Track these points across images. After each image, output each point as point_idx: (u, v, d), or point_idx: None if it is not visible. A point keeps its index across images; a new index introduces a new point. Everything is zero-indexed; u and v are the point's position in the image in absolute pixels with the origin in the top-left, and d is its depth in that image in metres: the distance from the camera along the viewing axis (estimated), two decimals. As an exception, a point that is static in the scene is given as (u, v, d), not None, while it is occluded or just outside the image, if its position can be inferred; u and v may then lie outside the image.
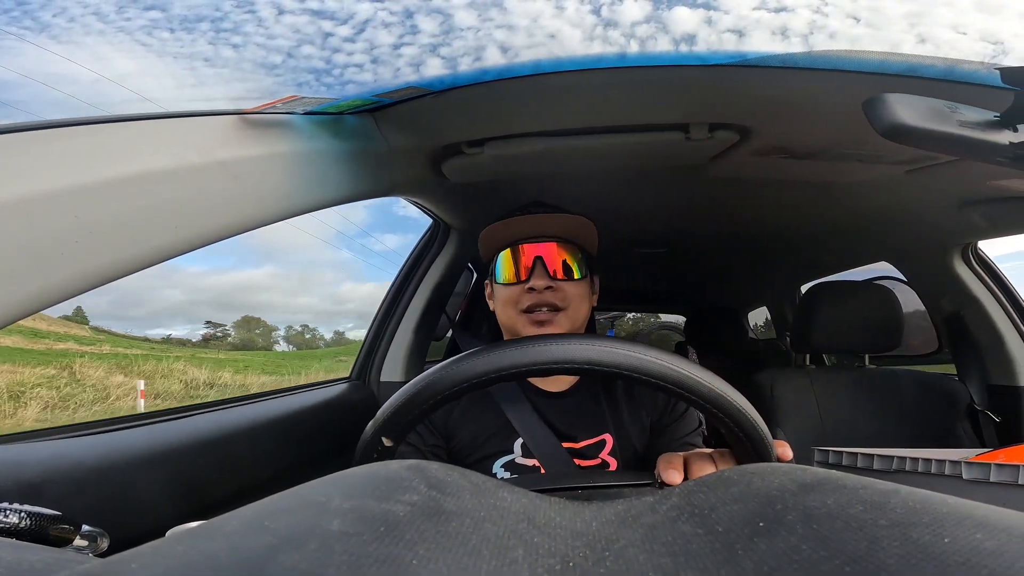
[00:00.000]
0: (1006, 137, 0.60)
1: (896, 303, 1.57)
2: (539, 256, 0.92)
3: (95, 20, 0.93)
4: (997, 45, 0.69)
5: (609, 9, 0.75)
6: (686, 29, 0.74)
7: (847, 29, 0.73)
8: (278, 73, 0.85)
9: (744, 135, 1.00)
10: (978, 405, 1.53)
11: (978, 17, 0.71)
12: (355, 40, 0.81)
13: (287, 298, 35.25)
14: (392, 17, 0.81)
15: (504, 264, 0.94)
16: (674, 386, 0.51)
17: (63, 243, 0.49)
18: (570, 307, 0.91)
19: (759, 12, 0.74)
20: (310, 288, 44.24)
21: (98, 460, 0.70)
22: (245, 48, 0.83)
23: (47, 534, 0.38)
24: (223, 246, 0.69)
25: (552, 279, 0.91)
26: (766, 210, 1.63)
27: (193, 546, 0.21)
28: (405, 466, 0.33)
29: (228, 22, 0.85)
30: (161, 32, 0.89)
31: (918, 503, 0.24)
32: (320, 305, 44.55)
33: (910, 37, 0.71)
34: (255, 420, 1.04)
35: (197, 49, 0.88)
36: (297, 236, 35.54)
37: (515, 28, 0.77)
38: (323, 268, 48.43)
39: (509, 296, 0.93)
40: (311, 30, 0.83)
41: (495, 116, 0.96)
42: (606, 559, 0.26)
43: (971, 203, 1.30)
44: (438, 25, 0.79)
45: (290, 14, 0.85)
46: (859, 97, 0.61)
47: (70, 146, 0.52)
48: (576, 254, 0.94)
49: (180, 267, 19.34)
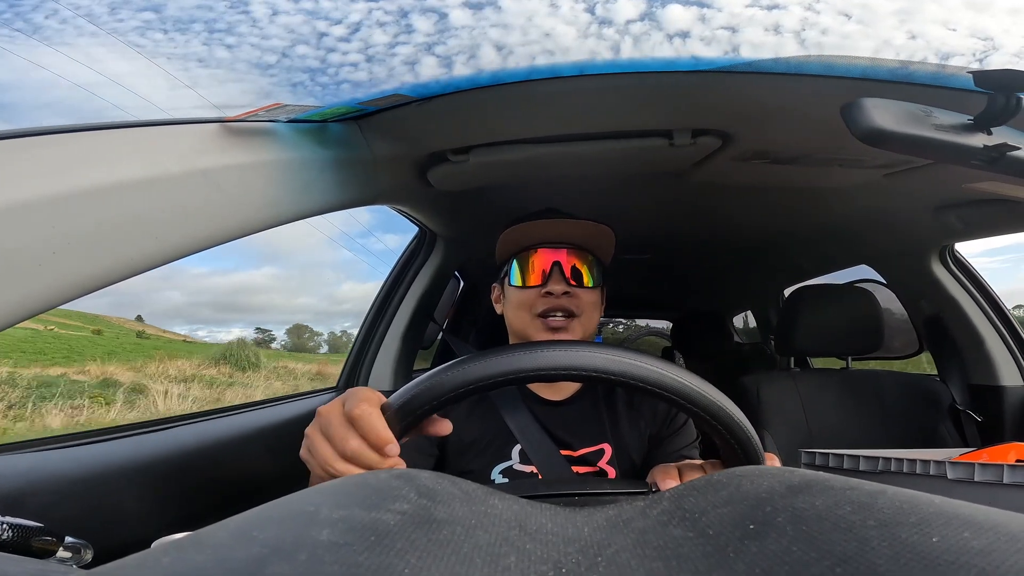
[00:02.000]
0: (979, 140, 0.62)
1: (876, 305, 1.60)
2: (557, 261, 0.91)
3: (86, 22, 0.92)
4: (987, 41, 0.70)
5: (603, 8, 0.76)
6: (680, 27, 0.75)
7: (839, 26, 0.75)
8: (272, 73, 0.85)
9: (726, 140, 1.01)
10: (960, 405, 1.55)
11: (967, 14, 0.72)
12: (350, 40, 0.81)
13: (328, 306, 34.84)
14: (387, 16, 0.81)
15: (521, 267, 0.94)
16: (670, 393, 0.51)
17: (41, 254, 0.48)
18: (583, 314, 0.92)
19: (752, 9, 0.75)
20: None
21: (80, 472, 0.69)
22: (239, 48, 0.83)
23: (30, 546, 0.38)
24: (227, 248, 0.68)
25: (569, 285, 0.91)
26: (748, 215, 1.65)
27: (180, 558, 0.21)
28: (394, 475, 0.32)
29: (222, 23, 0.84)
30: (154, 33, 0.88)
31: (905, 503, 0.25)
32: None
33: (900, 34, 0.73)
34: (240, 431, 1.03)
35: (191, 50, 0.87)
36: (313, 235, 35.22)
37: (510, 27, 0.77)
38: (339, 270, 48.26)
39: (524, 300, 0.92)
40: (306, 30, 0.83)
41: (480, 123, 0.96)
42: (599, 564, 0.26)
43: (947, 206, 1.32)
44: (433, 24, 0.79)
45: (284, 14, 0.85)
46: (837, 102, 0.62)
47: (46, 155, 0.51)
48: (591, 262, 0.94)
49: (184, 268, 19.12)
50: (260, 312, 27.12)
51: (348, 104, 0.83)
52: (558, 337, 0.90)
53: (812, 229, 1.74)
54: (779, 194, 1.39)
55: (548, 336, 0.90)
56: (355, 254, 30.05)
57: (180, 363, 5.69)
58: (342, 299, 40.98)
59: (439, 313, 1.85)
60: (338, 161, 0.85)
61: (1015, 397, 1.52)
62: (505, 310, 0.99)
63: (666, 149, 1.02)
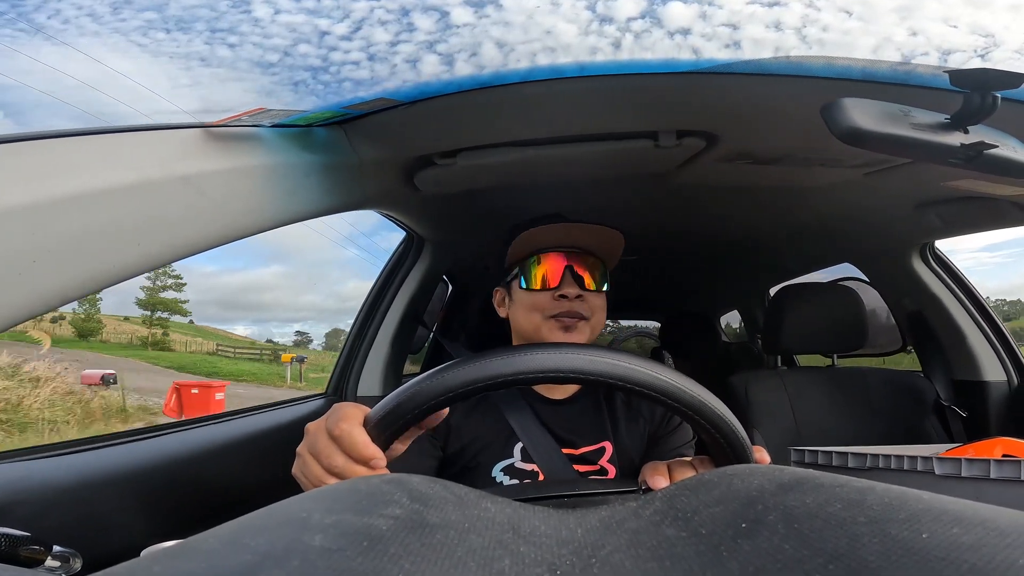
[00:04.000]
0: (957, 139, 0.62)
1: (860, 303, 1.62)
2: (570, 265, 0.93)
3: (89, 21, 0.91)
4: (988, 38, 0.71)
5: (604, 5, 0.76)
6: (681, 24, 0.75)
7: (839, 23, 0.75)
8: (274, 72, 0.84)
9: (711, 141, 1.02)
10: (944, 401, 1.57)
11: (967, 10, 0.73)
12: (351, 38, 0.81)
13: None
14: (388, 15, 0.81)
15: (534, 271, 0.94)
16: (658, 394, 0.51)
17: (20, 263, 0.47)
18: (593, 317, 0.93)
19: (753, 7, 0.75)
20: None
21: (68, 480, 0.68)
22: (241, 48, 0.82)
23: (17, 555, 0.37)
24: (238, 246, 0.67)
25: (582, 289, 0.92)
26: (733, 215, 1.67)
27: (170, 566, 0.21)
28: (386, 480, 0.32)
29: (224, 22, 0.83)
30: (157, 32, 0.87)
31: (894, 500, 0.25)
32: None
33: (901, 31, 0.74)
34: (228, 438, 1.02)
35: (193, 49, 0.86)
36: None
37: (511, 25, 0.77)
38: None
39: (535, 303, 0.93)
40: (307, 29, 0.82)
41: (467, 127, 0.96)
42: (593, 566, 0.26)
43: (926, 204, 1.34)
44: (434, 23, 0.79)
45: (286, 13, 0.84)
46: (819, 102, 0.63)
47: (24, 162, 0.50)
48: (599, 267, 0.95)
49: (191, 267, 18.79)
50: (266, 310, 27.04)
51: (333, 108, 0.83)
52: (568, 335, 0.91)
53: (796, 228, 1.76)
54: (763, 194, 1.41)
55: (561, 336, 0.91)
56: (360, 252, 30.00)
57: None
58: (347, 296, 41.06)
59: (428, 317, 1.85)
60: (323, 166, 0.84)
61: (998, 392, 1.55)
62: (512, 313, 0.99)
63: (651, 150, 1.03)
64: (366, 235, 23.25)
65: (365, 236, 21.62)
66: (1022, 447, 0.94)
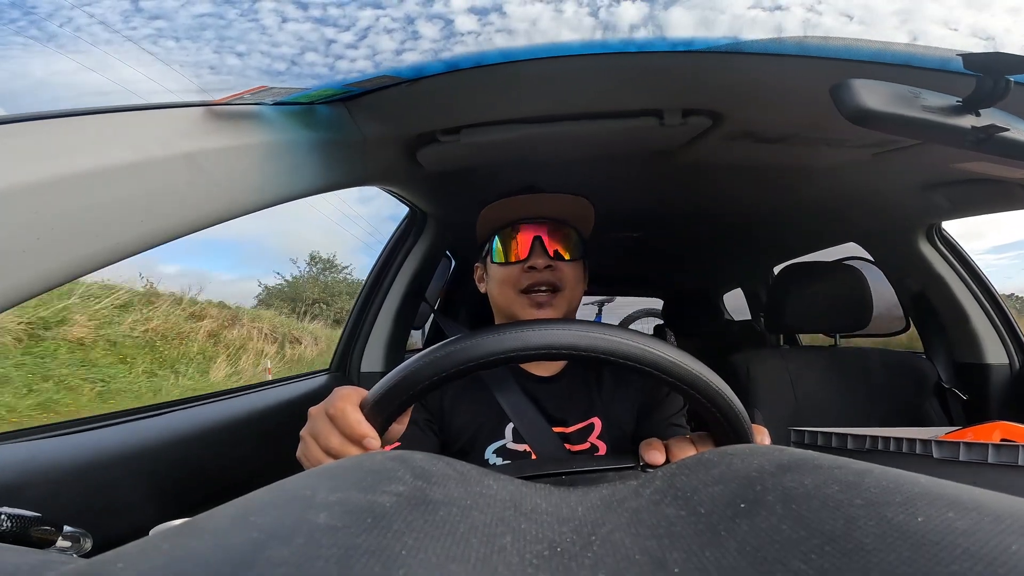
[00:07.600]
0: (968, 121, 0.62)
1: (864, 283, 1.61)
2: (538, 236, 0.92)
3: (101, 29, 0.90)
4: (988, 40, 0.70)
5: (607, 12, 0.75)
6: (683, 32, 0.74)
7: (840, 27, 0.74)
8: (282, 79, 0.84)
9: (716, 120, 1.01)
10: (945, 383, 1.57)
11: (968, 13, 0.72)
12: (357, 47, 0.80)
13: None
14: (394, 24, 0.80)
15: (503, 244, 0.94)
16: (652, 368, 0.51)
17: (24, 241, 0.47)
18: (567, 288, 0.92)
19: (755, 11, 0.74)
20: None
21: (75, 460, 0.69)
22: (250, 56, 0.82)
23: (29, 536, 0.38)
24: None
25: (551, 259, 0.92)
26: (738, 193, 1.65)
27: (178, 544, 0.21)
28: (390, 457, 0.32)
29: (233, 30, 0.83)
30: (166, 41, 0.87)
31: (891, 483, 0.25)
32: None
33: (902, 34, 0.73)
34: (234, 416, 1.03)
35: (202, 58, 0.86)
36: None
37: (515, 32, 0.76)
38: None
39: (507, 276, 0.93)
40: (314, 37, 0.82)
41: (469, 104, 0.95)
42: (593, 544, 0.27)
43: (934, 185, 1.33)
44: (439, 31, 0.79)
45: (294, 22, 0.83)
46: (827, 83, 0.62)
47: (28, 142, 0.50)
48: (572, 236, 0.95)
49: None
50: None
51: (335, 86, 0.82)
52: (542, 312, 0.91)
53: (801, 208, 1.75)
54: (768, 173, 1.39)
55: (533, 312, 0.91)
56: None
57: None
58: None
59: (431, 293, 1.85)
60: (326, 143, 0.84)
61: (1000, 375, 1.54)
62: (489, 288, 0.99)
63: (656, 129, 1.02)
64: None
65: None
66: (1021, 431, 0.94)
